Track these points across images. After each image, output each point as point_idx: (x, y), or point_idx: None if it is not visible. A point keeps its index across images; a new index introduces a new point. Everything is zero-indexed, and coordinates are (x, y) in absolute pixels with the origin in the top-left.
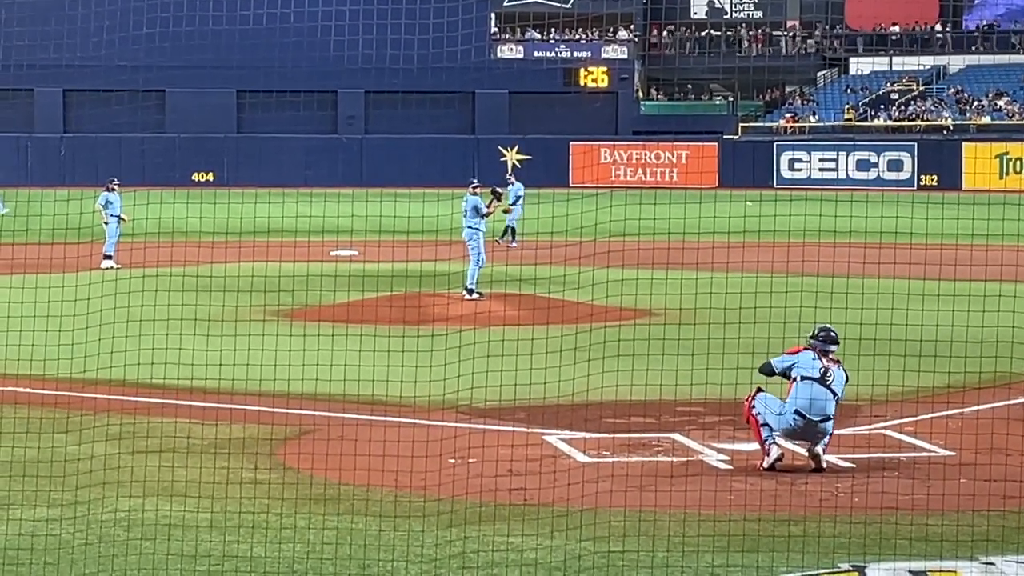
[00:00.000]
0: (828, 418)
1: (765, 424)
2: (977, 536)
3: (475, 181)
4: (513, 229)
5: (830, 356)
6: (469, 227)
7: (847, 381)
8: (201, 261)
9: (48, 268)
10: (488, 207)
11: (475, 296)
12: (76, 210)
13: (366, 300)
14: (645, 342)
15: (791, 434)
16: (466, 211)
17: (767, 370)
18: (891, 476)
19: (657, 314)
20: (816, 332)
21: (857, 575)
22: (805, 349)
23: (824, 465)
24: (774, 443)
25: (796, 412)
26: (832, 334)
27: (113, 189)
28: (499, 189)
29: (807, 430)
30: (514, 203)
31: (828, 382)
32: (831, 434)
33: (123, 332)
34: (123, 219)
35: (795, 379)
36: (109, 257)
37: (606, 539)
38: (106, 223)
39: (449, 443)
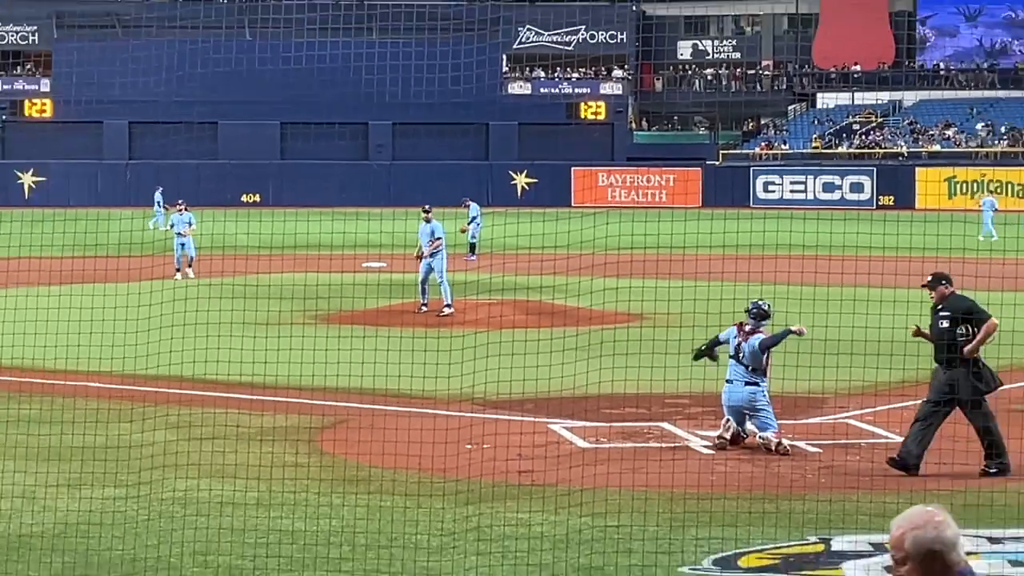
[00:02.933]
0: (750, 383)
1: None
2: None
3: (427, 206)
4: (473, 245)
5: (759, 329)
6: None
7: (757, 346)
8: (249, 272)
9: (115, 278)
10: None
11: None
12: (139, 227)
13: (393, 306)
14: (637, 342)
15: (732, 411)
16: (437, 236)
17: (697, 353)
18: (853, 460)
19: (648, 318)
20: (749, 308)
21: (823, 547)
22: (735, 326)
23: (788, 450)
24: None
25: (727, 381)
26: (764, 310)
27: (182, 210)
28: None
29: (732, 397)
30: (471, 222)
31: (740, 358)
32: (774, 427)
33: (180, 334)
34: (182, 233)
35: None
36: (179, 270)
37: (603, 515)
38: (181, 234)
39: (465, 431)
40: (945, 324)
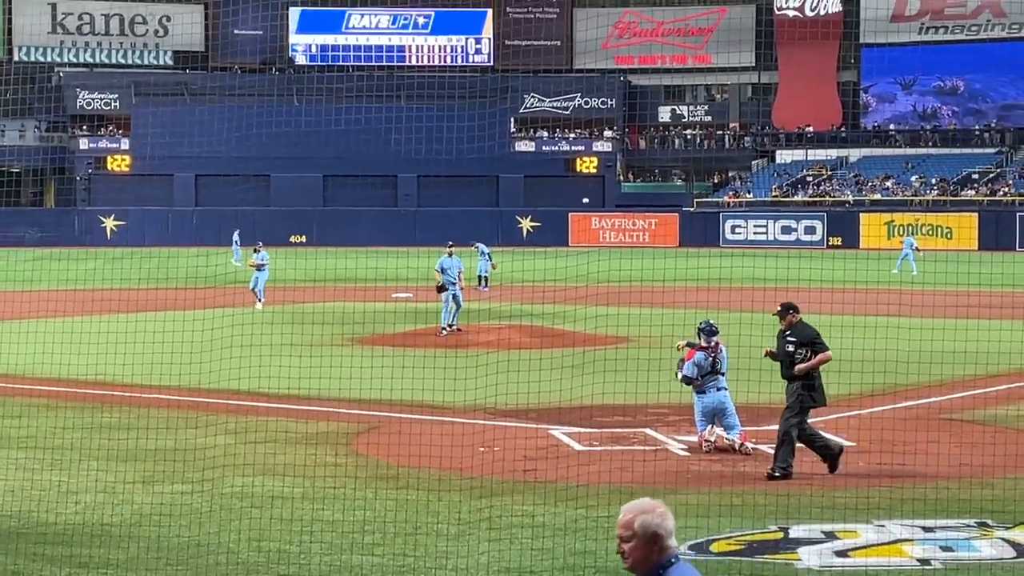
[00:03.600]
0: (722, 388)
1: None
2: (872, 505)
3: (450, 242)
4: (485, 278)
5: (712, 343)
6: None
7: (726, 352)
8: (296, 301)
9: (183, 306)
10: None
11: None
12: (204, 263)
13: (418, 330)
14: (624, 361)
15: (708, 413)
16: (459, 269)
17: (687, 381)
18: (807, 460)
19: (633, 340)
20: (701, 326)
21: (782, 534)
22: (697, 351)
23: (751, 452)
24: (706, 428)
25: (700, 392)
26: (713, 327)
27: (258, 249)
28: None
29: (708, 402)
30: (488, 259)
31: (717, 368)
32: (738, 427)
33: (238, 354)
34: (251, 265)
35: (701, 378)
36: (258, 296)
37: (596, 507)
38: (260, 268)
39: (479, 436)
40: (790, 348)
